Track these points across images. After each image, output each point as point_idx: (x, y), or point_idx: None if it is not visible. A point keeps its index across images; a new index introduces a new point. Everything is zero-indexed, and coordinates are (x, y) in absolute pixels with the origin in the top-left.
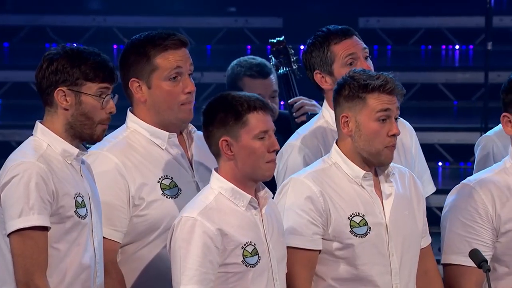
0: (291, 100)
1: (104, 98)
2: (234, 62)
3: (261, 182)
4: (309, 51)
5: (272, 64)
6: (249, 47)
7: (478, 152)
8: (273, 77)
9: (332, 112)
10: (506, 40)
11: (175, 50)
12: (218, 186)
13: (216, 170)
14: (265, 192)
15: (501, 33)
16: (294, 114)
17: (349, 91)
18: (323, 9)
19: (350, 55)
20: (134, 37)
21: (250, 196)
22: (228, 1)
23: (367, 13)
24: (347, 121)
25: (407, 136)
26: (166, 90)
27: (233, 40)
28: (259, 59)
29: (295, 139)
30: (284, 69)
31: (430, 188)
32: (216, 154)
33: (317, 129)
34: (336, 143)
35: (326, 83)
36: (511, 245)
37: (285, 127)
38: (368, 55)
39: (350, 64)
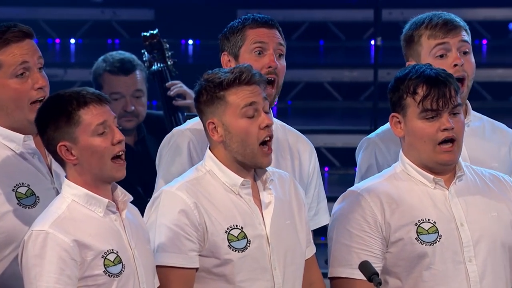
0: (169, 83)
1: None
2: (102, 57)
3: (117, 184)
4: (226, 31)
5: (145, 60)
6: (117, 41)
7: (360, 156)
8: (138, 74)
9: None
10: (396, 35)
11: (18, 43)
12: (70, 194)
13: (66, 177)
14: (124, 195)
15: (391, 28)
16: (170, 93)
17: (207, 94)
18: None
19: (259, 42)
20: None
21: (107, 200)
22: None
23: (246, 5)
24: (215, 127)
25: (306, 151)
26: (13, 89)
27: (100, 33)
28: (127, 54)
29: (183, 126)
30: (158, 65)
31: (325, 218)
32: (60, 161)
33: None
34: (210, 149)
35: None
36: (402, 255)
37: (159, 129)
38: (283, 53)
39: (258, 53)
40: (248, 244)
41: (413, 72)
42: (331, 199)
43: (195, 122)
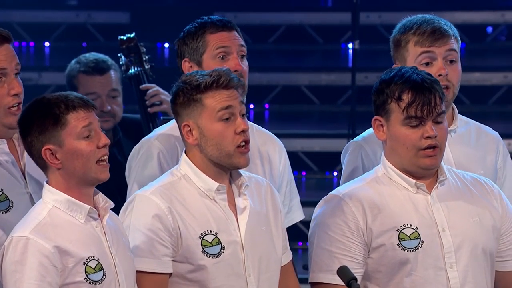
0: (144, 85)
1: None
2: (75, 59)
3: (98, 190)
4: (183, 37)
5: (122, 64)
6: (92, 44)
7: (345, 160)
8: (113, 74)
9: None
10: (374, 39)
11: None
12: (51, 199)
13: (47, 182)
14: (105, 202)
15: (368, 31)
16: (147, 102)
17: (184, 96)
18: (175, 2)
19: (222, 47)
20: None
21: (89, 207)
22: None
23: (223, 8)
24: (190, 130)
25: (275, 150)
26: None
27: (75, 36)
28: (100, 55)
29: (151, 136)
30: (135, 69)
31: (298, 214)
32: (43, 166)
33: (175, 127)
34: (185, 153)
35: None
36: (383, 261)
37: (135, 132)
38: (245, 54)
39: (222, 58)
40: (222, 250)
41: (399, 76)
42: (309, 203)
43: (164, 130)
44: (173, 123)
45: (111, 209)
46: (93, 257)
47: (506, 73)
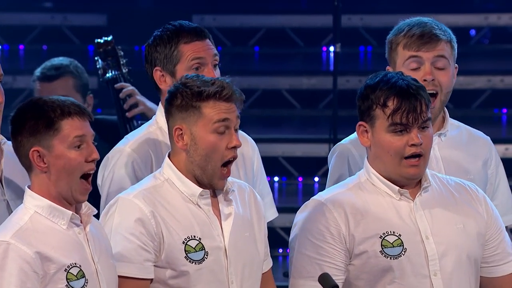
0: (119, 84)
1: None
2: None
3: None
4: (154, 44)
5: (99, 67)
6: (68, 47)
7: (332, 162)
8: (64, 81)
9: None
10: (355, 42)
11: None
12: (33, 205)
13: (29, 187)
14: (88, 208)
15: (350, 34)
16: (124, 105)
17: (182, 100)
18: (153, 5)
19: (197, 59)
20: None
21: (71, 212)
22: None
23: (202, 10)
24: (182, 134)
25: (249, 149)
26: None
27: (50, 39)
28: (58, 61)
29: (123, 144)
30: (113, 72)
31: (272, 213)
32: (28, 167)
33: (148, 134)
34: (169, 156)
35: (165, 83)
36: (365, 268)
37: (113, 136)
38: (217, 63)
39: (196, 69)
40: (205, 256)
41: (384, 81)
42: (290, 209)
43: (136, 137)
44: (144, 129)
45: None
46: (75, 264)
47: (489, 77)
